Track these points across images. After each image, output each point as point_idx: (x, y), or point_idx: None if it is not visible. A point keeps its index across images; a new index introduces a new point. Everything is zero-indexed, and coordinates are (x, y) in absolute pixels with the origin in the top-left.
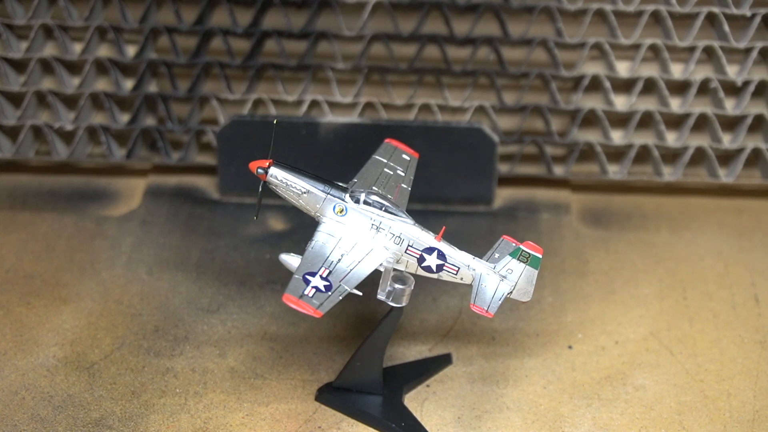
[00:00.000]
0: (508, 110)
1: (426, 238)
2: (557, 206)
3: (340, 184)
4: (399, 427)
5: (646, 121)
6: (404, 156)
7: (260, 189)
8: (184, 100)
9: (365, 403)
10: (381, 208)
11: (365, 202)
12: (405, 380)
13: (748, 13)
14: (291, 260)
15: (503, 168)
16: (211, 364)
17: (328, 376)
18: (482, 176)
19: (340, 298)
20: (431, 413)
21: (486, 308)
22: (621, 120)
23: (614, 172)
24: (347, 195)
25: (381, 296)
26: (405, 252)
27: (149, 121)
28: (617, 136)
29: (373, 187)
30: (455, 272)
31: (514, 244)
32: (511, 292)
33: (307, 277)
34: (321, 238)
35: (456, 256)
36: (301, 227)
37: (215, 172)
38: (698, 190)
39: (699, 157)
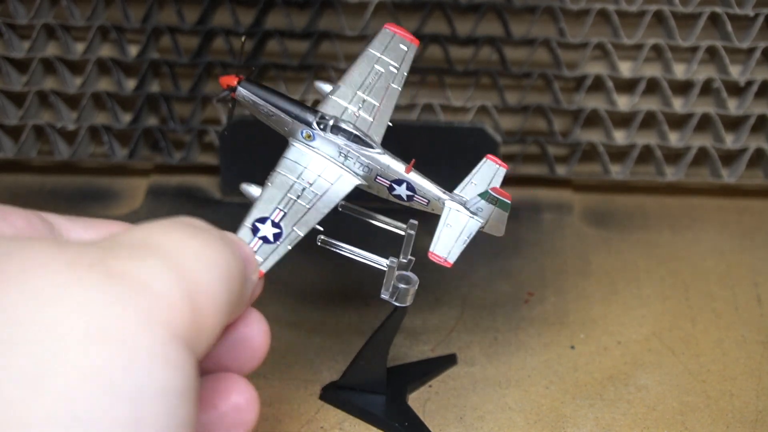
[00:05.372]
0: (511, 110)
1: (396, 168)
2: (559, 206)
3: (315, 109)
4: (402, 427)
5: (649, 121)
6: (401, 45)
7: (231, 106)
8: (186, 100)
9: (369, 402)
10: (350, 138)
11: (333, 129)
12: (409, 380)
13: (751, 13)
14: (252, 192)
15: None
16: None
17: (331, 376)
18: None
19: (290, 247)
20: (433, 413)
21: (446, 256)
22: (623, 120)
23: (617, 172)
24: (315, 121)
25: (384, 296)
26: (375, 180)
27: (151, 121)
28: (620, 136)
29: (348, 109)
30: (426, 203)
31: (493, 172)
32: (483, 227)
33: (257, 224)
34: (284, 167)
35: (426, 187)
36: None
37: (217, 172)
38: (701, 190)
39: (701, 157)
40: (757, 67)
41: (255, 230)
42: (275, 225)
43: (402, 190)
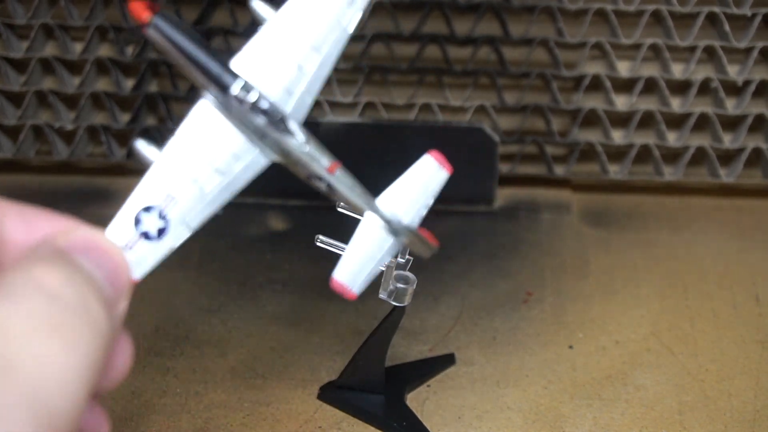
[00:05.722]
0: (509, 110)
1: (319, 164)
2: (558, 206)
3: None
4: (401, 427)
5: (647, 120)
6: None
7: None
8: (185, 100)
9: (367, 402)
10: (271, 121)
11: (253, 107)
12: (408, 380)
13: (749, 13)
14: (148, 156)
15: (504, 168)
16: (211, 364)
17: (329, 376)
18: (483, 176)
19: (173, 247)
20: (432, 413)
21: (349, 285)
22: (622, 120)
23: (615, 171)
24: (233, 89)
25: (383, 296)
26: (293, 165)
27: (150, 120)
28: (618, 136)
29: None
30: (348, 208)
31: (432, 176)
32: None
33: (142, 214)
34: (189, 133)
35: (346, 194)
36: (303, 227)
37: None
38: (699, 189)
39: (700, 156)
40: (755, 66)
41: (137, 222)
42: (162, 217)
43: (321, 185)
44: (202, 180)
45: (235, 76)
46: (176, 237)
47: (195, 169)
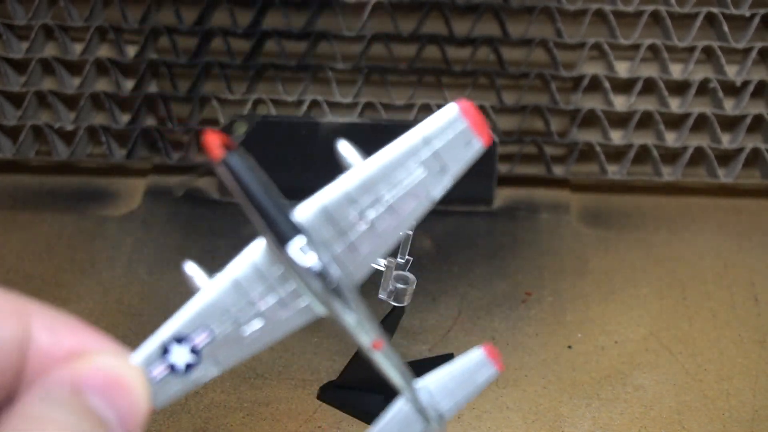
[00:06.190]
0: (508, 110)
1: (366, 337)
2: (557, 206)
3: (298, 227)
4: None
5: (646, 121)
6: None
7: (199, 167)
8: (185, 100)
9: (367, 402)
10: (327, 288)
11: (309, 270)
12: None
13: (747, 14)
14: (195, 280)
15: (503, 168)
16: None
17: (328, 375)
18: (482, 176)
19: (198, 385)
20: None
21: None
22: (620, 120)
23: (614, 171)
24: (292, 246)
25: (382, 296)
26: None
27: (149, 121)
28: (617, 136)
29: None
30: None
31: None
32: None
33: (173, 346)
34: (242, 270)
35: (389, 373)
36: None
37: (215, 172)
38: (697, 189)
39: (698, 156)
40: (754, 67)
41: (166, 351)
42: (194, 351)
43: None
44: (243, 321)
45: (296, 230)
46: (204, 375)
47: (238, 308)
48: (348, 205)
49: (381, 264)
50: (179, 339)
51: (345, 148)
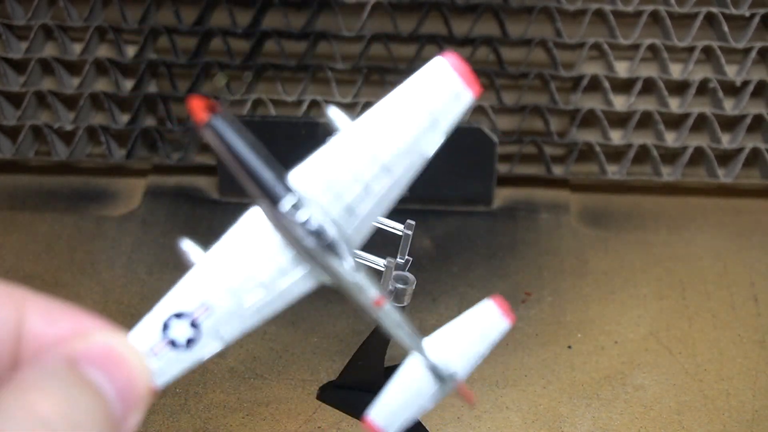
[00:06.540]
0: (508, 110)
1: (365, 296)
2: (556, 206)
3: (289, 186)
4: None
5: (645, 121)
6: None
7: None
8: (184, 101)
9: (366, 402)
10: (321, 245)
11: (303, 226)
12: None
13: (747, 14)
14: (190, 255)
15: (502, 168)
16: (211, 364)
17: (328, 376)
18: (481, 176)
19: (200, 360)
20: (431, 413)
21: (385, 427)
22: (620, 120)
23: (613, 171)
24: (284, 205)
25: None
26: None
27: (149, 121)
28: (616, 136)
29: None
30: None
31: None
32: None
33: (172, 320)
34: (235, 241)
35: (393, 330)
36: None
37: (215, 172)
38: (697, 189)
39: (698, 156)
40: (753, 67)
41: (166, 327)
42: (193, 325)
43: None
44: (242, 292)
45: (288, 189)
46: (206, 349)
47: (237, 279)
48: (341, 167)
49: (380, 264)
50: (178, 315)
51: (335, 113)
